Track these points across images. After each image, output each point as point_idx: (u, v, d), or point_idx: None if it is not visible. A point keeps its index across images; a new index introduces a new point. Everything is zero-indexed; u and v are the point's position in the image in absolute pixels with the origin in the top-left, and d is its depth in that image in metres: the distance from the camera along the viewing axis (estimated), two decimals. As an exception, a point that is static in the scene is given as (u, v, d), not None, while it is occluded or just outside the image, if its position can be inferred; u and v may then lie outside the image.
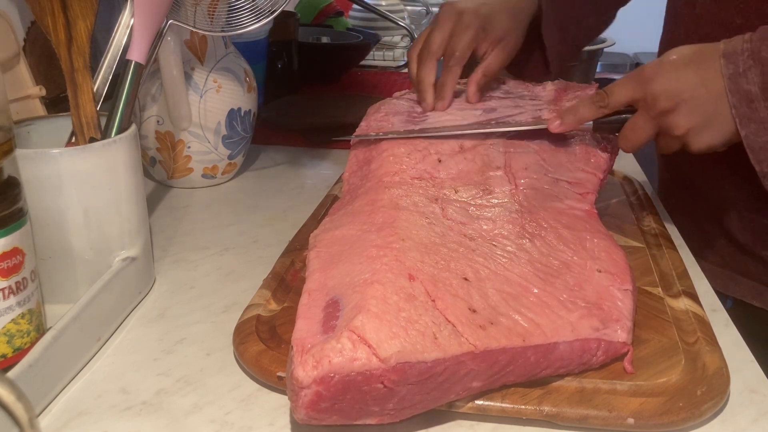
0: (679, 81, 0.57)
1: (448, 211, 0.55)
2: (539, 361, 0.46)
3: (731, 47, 0.57)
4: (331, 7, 1.59)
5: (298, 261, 0.62)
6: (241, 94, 0.82)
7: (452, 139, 0.64)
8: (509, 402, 0.45)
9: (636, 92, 0.59)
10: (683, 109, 0.57)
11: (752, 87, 0.55)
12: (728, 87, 0.56)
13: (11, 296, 0.46)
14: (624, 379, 0.48)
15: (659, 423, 0.44)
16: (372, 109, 0.72)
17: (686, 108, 0.57)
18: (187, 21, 0.70)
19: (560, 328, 0.47)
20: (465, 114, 0.69)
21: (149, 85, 0.79)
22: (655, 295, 0.58)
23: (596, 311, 0.48)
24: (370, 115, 0.71)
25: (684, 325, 0.54)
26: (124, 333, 0.55)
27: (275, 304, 0.56)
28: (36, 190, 0.52)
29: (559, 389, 0.46)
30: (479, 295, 0.47)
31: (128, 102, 0.60)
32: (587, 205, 0.60)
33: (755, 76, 0.55)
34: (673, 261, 0.63)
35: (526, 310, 0.47)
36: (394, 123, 0.67)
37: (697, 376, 0.47)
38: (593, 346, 0.47)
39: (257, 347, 0.50)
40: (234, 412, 0.46)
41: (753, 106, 0.55)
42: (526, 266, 0.51)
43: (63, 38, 0.57)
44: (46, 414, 0.46)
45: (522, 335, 0.45)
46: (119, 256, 0.58)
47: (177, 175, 0.83)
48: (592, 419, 0.44)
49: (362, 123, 0.69)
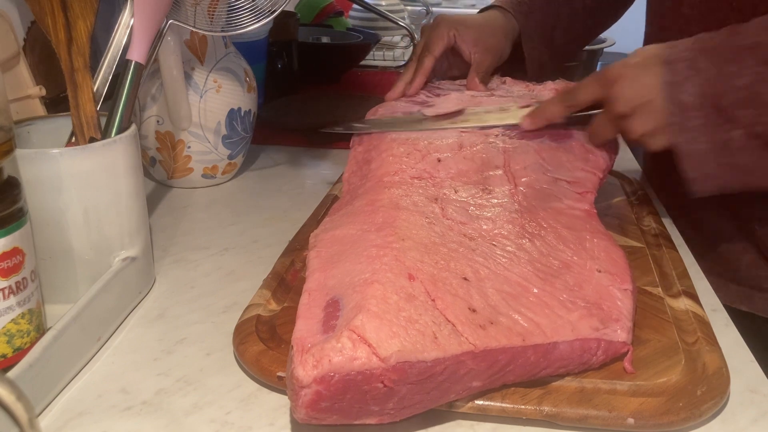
0: (637, 86, 0.58)
1: (447, 211, 0.55)
2: (539, 360, 0.46)
3: (673, 54, 0.58)
4: (331, 7, 1.59)
5: (298, 261, 0.62)
6: (241, 94, 0.82)
7: (452, 138, 0.64)
8: (509, 402, 0.45)
9: (599, 92, 0.61)
10: (638, 114, 0.59)
11: (688, 97, 0.56)
12: (665, 94, 0.57)
13: (11, 296, 0.46)
14: (624, 379, 0.48)
15: (659, 423, 0.44)
16: (370, 113, 0.73)
17: (641, 113, 0.58)
18: (187, 21, 0.70)
19: (560, 327, 0.47)
20: (448, 107, 0.70)
21: (149, 85, 0.79)
22: (655, 295, 0.58)
23: (596, 311, 0.48)
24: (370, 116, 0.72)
25: (684, 325, 0.54)
26: (124, 333, 0.55)
27: (275, 303, 0.56)
28: (36, 190, 0.52)
29: (559, 389, 0.46)
30: (479, 294, 0.47)
31: (128, 102, 0.60)
32: (587, 205, 0.60)
33: (691, 87, 0.56)
34: (673, 261, 0.63)
35: (525, 310, 0.47)
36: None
37: (697, 376, 0.47)
38: (593, 346, 0.47)
39: (257, 347, 0.50)
40: (234, 412, 0.46)
41: (687, 114, 0.56)
42: (526, 266, 0.51)
43: (63, 38, 0.57)
44: (46, 414, 0.46)
45: (522, 335, 0.45)
46: (119, 256, 0.58)
47: (177, 175, 0.83)
48: (592, 419, 0.44)
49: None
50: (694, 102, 0.56)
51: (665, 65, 0.57)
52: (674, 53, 0.58)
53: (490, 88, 0.77)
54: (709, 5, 0.69)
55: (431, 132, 0.65)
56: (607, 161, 0.65)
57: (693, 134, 0.56)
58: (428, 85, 0.80)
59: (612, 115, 0.60)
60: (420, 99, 0.75)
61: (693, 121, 0.56)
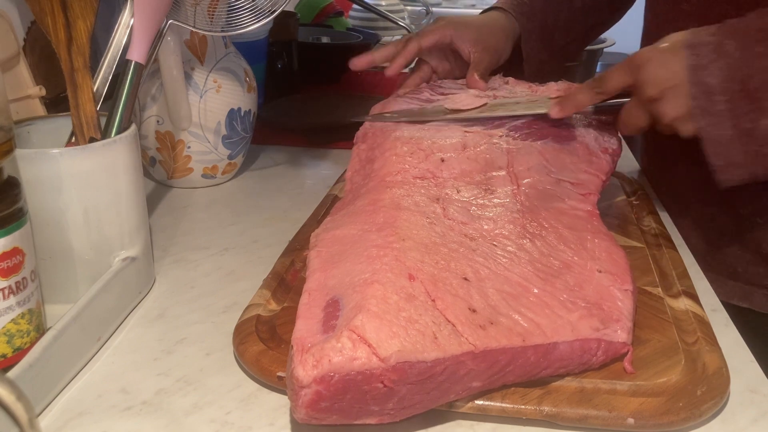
0: (664, 69, 0.58)
1: (449, 211, 0.55)
2: (539, 360, 0.46)
3: (696, 38, 0.57)
4: (331, 7, 1.59)
5: (299, 261, 0.62)
6: (241, 94, 0.82)
7: (456, 138, 0.64)
8: (509, 402, 0.45)
9: (628, 78, 0.60)
10: (668, 98, 0.58)
11: (712, 80, 0.55)
12: (689, 78, 0.56)
13: (11, 296, 0.46)
14: (624, 379, 0.48)
15: (659, 423, 0.44)
16: (375, 108, 0.73)
17: (671, 97, 0.58)
18: (187, 21, 0.70)
19: (560, 328, 0.47)
20: (470, 103, 0.70)
21: (149, 84, 0.79)
22: (655, 295, 0.58)
23: (596, 311, 0.48)
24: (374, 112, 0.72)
25: (684, 325, 0.54)
26: (124, 333, 0.55)
27: (275, 304, 0.56)
28: (36, 190, 0.52)
29: (559, 389, 0.46)
30: (479, 295, 0.47)
31: (128, 102, 0.60)
32: (589, 206, 0.60)
33: (716, 70, 0.55)
34: (673, 261, 0.63)
35: (526, 310, 0.47)
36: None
37: (697, 376, 0.47)
38: (593, 346, 0.47)
39: (257, 347, 0.50)
40: (234, 412, 0.46)
41: (712, 99, 0.55)
42: (527, 266, 0.51)
43: (63, 38, 0.57)
44: (46, 414, 0.46)
45: (522, 335, 0.45)
46: (119, 256, 0.58)
47: (177, 175, 0.83)
48: (592, 419, 0.44)
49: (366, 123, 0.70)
50: (719, 85, 0.55)
51: (689, 48, 0.57)
52: (699, 37, 0.57)
53: (492, 87, 0.77)
54: (708, 0, 0.69)
55: (436, 131, 0.65)
56: (610, 164, 0.65)
57: (718, 119, 0.56)
58: (431, 84, 0.80)
59: (642, 99, 0.59)
60: (424, 97, 0.75)
61: (718, 105, 0.55)
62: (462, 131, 0.65)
